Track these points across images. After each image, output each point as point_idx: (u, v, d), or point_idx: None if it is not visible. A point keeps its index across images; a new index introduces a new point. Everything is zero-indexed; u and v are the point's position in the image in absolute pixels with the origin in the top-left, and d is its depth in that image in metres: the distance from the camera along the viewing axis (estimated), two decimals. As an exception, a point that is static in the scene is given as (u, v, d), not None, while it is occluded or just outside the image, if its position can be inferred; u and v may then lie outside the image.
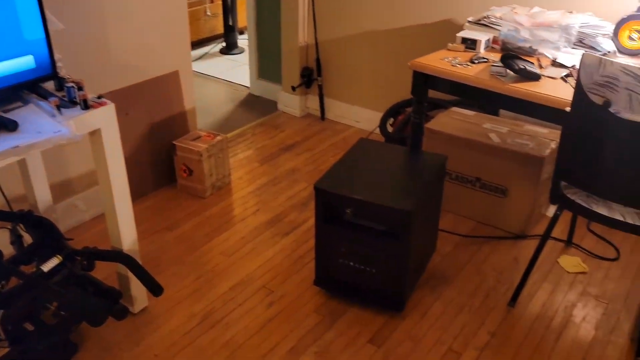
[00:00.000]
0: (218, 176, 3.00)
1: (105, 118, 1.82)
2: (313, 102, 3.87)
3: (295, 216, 2.82)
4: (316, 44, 3.66)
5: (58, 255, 1.93)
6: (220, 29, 5.17)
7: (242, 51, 5.05)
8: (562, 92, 2.02)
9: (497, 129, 2.74)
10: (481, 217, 2.78)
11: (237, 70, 4.68)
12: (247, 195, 3.00)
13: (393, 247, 2.08)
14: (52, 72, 1.84)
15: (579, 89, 1.79)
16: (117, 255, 2.01)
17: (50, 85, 1.90)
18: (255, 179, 3.15)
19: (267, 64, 4.08)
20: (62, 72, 1.94)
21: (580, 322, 2.20)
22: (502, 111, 3.05)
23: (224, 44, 5.12)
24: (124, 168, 1.96)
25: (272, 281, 2.39)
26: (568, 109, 1.89)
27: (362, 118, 3.70)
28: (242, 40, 5.16)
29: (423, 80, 2.32)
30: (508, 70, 2.13)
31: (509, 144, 2.61)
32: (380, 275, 2.15)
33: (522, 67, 2.08)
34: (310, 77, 3.79)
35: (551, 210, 2.86)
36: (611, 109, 1.75)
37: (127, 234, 2.05)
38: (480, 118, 2.86)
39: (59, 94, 1.84)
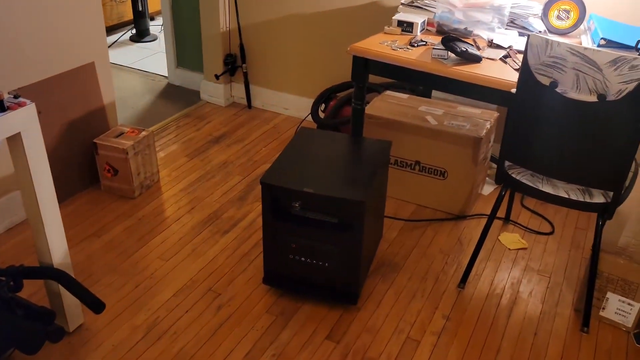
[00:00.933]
0: (146, 174, 2.80)
1: (25, 120, 1.61)
2: (238, 90, 3.72)
3: (233, 212, 2.69)
4: (239, 28, 3.51)
5: (-23, 278, 1.71)
6: (129, 15, 4.85)
7: (154, 38, 4.78)
8: (504, 74, 2.03)
9: (433, 111, 2.74)
10: (422, 200, 2.78)
11: (152, 58, 4.42)
12: (179, 193, 2.83)
13: (346, 239, 2.02)
14: (-44, 70, 1.60)
15: (525, 70, 1.80)
16: (48, 272, 1.80)
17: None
18: (186, 174, 2.98)
19: (185, 51, 3.87)
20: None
21: (528, 297, 2.26)
22: (434, 93, 3.06)
23: (134, 31, 4.82)
24: (49, 173, 1.75)
25: (218, 283, 2.27)
26: (514, 90, 1.90)
27: (291, 105, 3.60)
28: (154, 27, 4.88)
29: (363, 65, 2.26)
30: (449, 53, 2.11)
31: (445, 126, 2.61)
32: (332, 268, 2.09)
33: (464, 49, 2.07)
34: (234, 64, 3.63)
35: (487, 189, 2.92)
36: (558, 89, 1.77)
37: (57, 247, 1.85)
38: (414, 101, 2.85)
39: (-33, 95, 1.61)
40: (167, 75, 4.04)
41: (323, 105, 3.33)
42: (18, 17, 2.30)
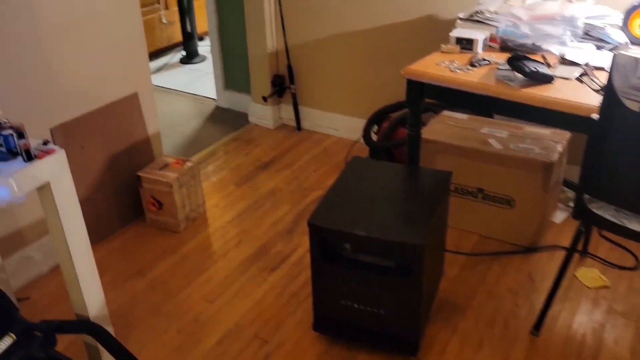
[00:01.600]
0: (191, 207, 2.68)
1: (54, 169, 1.50)
2: (287, 111, 3.58)
3: (282, 246, 2.53)
4: (286, 48, 3.37)
5: (10, 333, 1.60)
6: (178, 37, 4.81)
7: (204, 59, 4.71)
8: (582, 96, 1.77)
9: (497, 133, 2.50)
10: (486, 230, 2.54)
11: (201, 80, 4.34)
12: (225, 225, 2.70)
13: (403, 285, 1.81)
14: (-18, 117, 1.51)
15: (610, 94, 1.55)
16: (83, 326, 1.69)
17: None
18: (233, 204, 2.85)
19: (233, 73, 3.76)
20: (-3, 113, 1.61)
21: (613, 346, 1.98)
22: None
23: (183, 53, 4.77)
24: (82, 222, 1.64)
25: (265, 328, 2.11)
26: (595, 116, 1.65)
27: (342, 126, 3.43)
28: (203, 47, 4.82)
29: (419, 89, 2.05)
30: (516, 74, 1.88)
31: (511, 150, 2.37)
32: (389, 316, 1.89)
33: (533, 69, 1.83)
34: (282, 86, 3.49)
35: (559, 216, 2.65)
36: (650, 116, 1.51)
37: (93, 298, 1.73)
38: (475, 122, 2.61)
39: (-5, 143, 1.51)
40: (215, 97, 3.95)
41: (376, 127, 3.14)
42: (52, 51, 2.23)
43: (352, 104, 3.33)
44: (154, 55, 4.77)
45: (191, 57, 4.71)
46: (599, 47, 2.09)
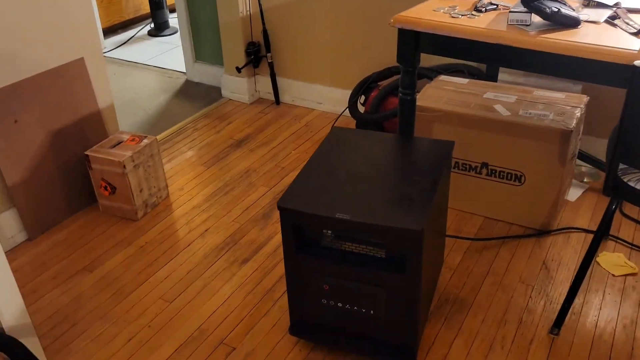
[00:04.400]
0: (151, 190, 2.32)
1: None
2: (264, 84, 3.21)
3: (255, 234, 2.18)
4: (261, 12, 2.98)
5: None
6: (146, 8, 4.41)
7: (175, 31, 4.32)
8: (617, 41, 1.42)
9: (503, 98, 2.15)
10: (491, 211, 2.20)
11: (170, 53, 3.95)
12: (191, 211, 2.34)
13: (397, 279, 1.47)
14: None
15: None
16: (-8, 341, 1.33)
17: None
18: (201, 188, 2.49)
19: (204, 43, 3.38)
20: None
21: (649, 347, 1.65)
22: (500, 76, 2.47)
23: (152, 25, 4.37)
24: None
25: (233, 333, 1.76)
26: (638, 62, 1.30)
27: (326, 98, 3.06)
28: (175, 20, 4.41)
29: (414, 41, 1.69)
30: (533, 16, 1.52)
31: (521, 117, 2.02)
32: (381, 317, 1.54)
33: (555, 9, 1.47)
34: (257, 55, 3.11)
35: (573, 193, 2.31)
36: None
37: (8, 305, 1.37)
38: (477, 86, 2.26)
39: None
40: (185, 71, 3.56)
41: (363, 97, 2.78)
42: (-25, 5, 1.84)
43: (337, 73, 2.96)
44: (121, 27, 4.38)
45: (160, 29, 4.31)
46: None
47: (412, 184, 1.54)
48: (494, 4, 1.69)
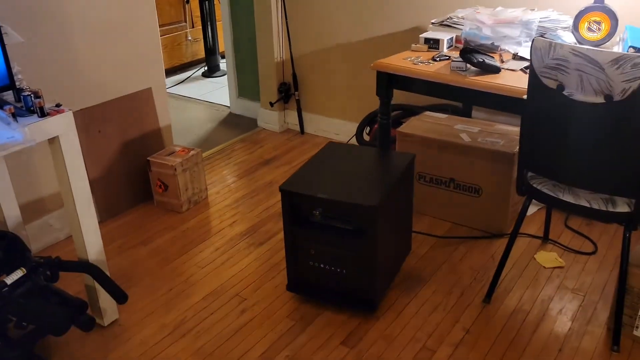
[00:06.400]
0: (194, 190, 2.99)
1: (63, 125, 1.83)
2: (292, 117, 3.89)
3: (271, 226, 2.81)
4: (291, 59, 3.70)
5: (22, 268, 1.91)
6: (202, 53, 5.23)
7: (224, 73, 5.10)
8: (520, 82, 2.02)
9: (468, 129, 2.74)
10: (458, 218, 2.76)
11: (219, 91, 4.72)
12: (223, 208, 2.99)
13: (361, 245, 2.06)
14: (9, 83, 1.85)
15: (532, 74, 1.80)
16: (81, 265, 1.99)
17: (10, 96, 1.90)
18: (233, 192, 3.15)
19: (245, 82, 4.12)
20: (23, 84, 1.95)
21: (557, 314, 2.17)
22: (474, 113, 3.06)
23: (205, 68, 5.17)
24: (85, 175, 1.95)
25: (246, 289, 2.37)
26: (525, 96, 1.89)
27: (341, 130, 3.71)
28: (224, 63, 5.20)
29: (387, 80, 2.33)
30: (468, 65, 2.15)
31: (479, 143, 2.61)
32: (350, 276, 2.13)
33: (480, 60, 2.10)
34: (287, 92, 3.82)
35: (531, 209, 2.85)
36: (565, 92, 1.75)
37: (92, 243, 2.04)
38: (452, 120, 2.86)
39: (18, 105, 1.85)
40: (229, 105, 4.30)
41: (368, 128, 3.41)
42: (82, 46, 2.60)
43: (350, 109, 3.62)
44: (180, 68, 5.19)
45: (212, 71, 5.10)
46: (549, 47, 2.33)
47: (377, 179, 2.15)
48: (446, 56, 2.32)
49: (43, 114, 1.79)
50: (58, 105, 1.86)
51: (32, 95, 1.79)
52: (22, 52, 2.32)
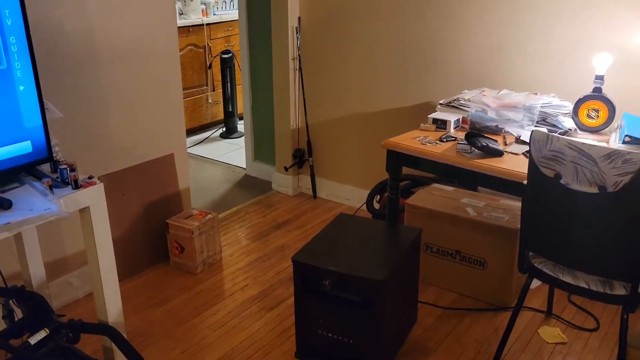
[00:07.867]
0: (209, 253, 3.11)
1: (94, 196, 1.97)
2: (305, 181, 4.04)
3: (282, 291, 2.90)
4: (307, 126, 3.88)
5: (45, 329, 2.02)
6: (221, 115, 5.45)
7: (241, 135, 5.29)
8: (522, 167, 2.15)
9: (474, 203, 2.86)
10: (463, 289, 2.84)
11: (235, 152, 4.90)
12: (236, 271, 3.10)
13: (368, 316, 2.15)
14: (47, 156, 2.01)
15: (531, 163, 1.93)
16: (100, 327, 2.09)
17: (47, 167, 2.06)
18: (246, 255, 3.26)
19: (262, 146, 4.30)
20: (59, 155, 2.12)
21: (558, 392, 2.22)
22: (480, 187, 3.18)
23: (224, 129, 5.38)
24: (111, 244, 2.08)
25: (255, 354, 2.45)
26: (525, 182, 2.02)
27: (352, 196, 3.84)
28: (242, 125, 5.41)
29: (396, 158, 2.47)
30: (473, 147, 2.28)
31: (484, 217, 2.72)
32: (357, 345, 2.21)
33: (484, 144, 2.23)
34: (302, 158, 3.98)
35: (534, 282, 2.92)
36: (562, 181, 1.87)
37: (113, 307, 2.15)
38: (459, 193, 2.98)
39: (54, 176, 2.01)
40: (245, 167, 4.47)
41: (378, 197, 3.54)
42: (110, 116, 2.79)
43: (362, 176, 3.77)
44: (199, 129, 5.40)
45: (230, 132, 5.31)
46: (551, 132, 2.47)
47: (385, 252, 2.26)
48: (453, 137, 2.47)
49: (77, 186, 1.94)
50: (90, 177, 2.01)
51: (67, 168, 1.95)
52: (59, 124, 2.51)
